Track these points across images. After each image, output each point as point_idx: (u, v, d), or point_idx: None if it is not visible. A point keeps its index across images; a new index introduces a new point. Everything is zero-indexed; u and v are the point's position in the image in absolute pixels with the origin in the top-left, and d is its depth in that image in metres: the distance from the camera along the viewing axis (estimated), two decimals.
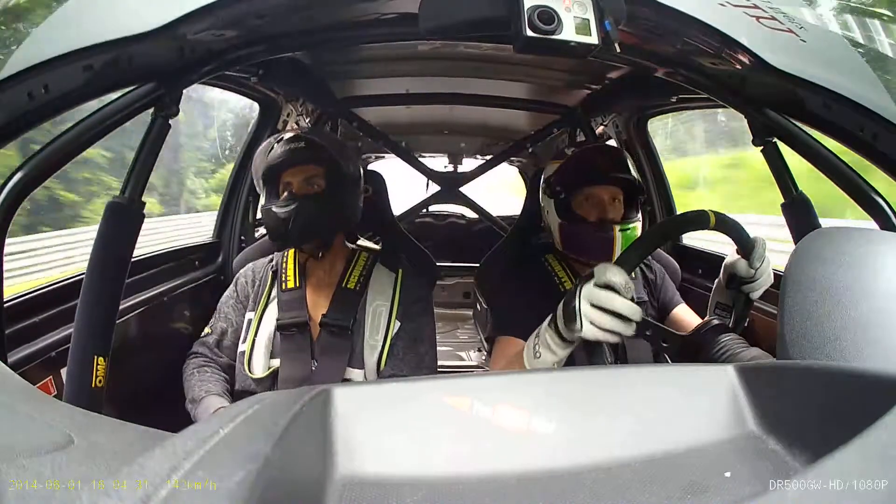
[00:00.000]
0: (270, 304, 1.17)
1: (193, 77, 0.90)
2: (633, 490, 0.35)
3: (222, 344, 1.17)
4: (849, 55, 0.80)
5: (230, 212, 1.70)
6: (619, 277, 0.73)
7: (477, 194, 2.66)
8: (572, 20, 0.69)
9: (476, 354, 2.54)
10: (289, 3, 0.79)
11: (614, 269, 0.74)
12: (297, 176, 1.10)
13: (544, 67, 1.56)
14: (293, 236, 1.09)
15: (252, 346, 1.12)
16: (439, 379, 0.45)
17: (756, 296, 0.90)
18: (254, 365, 1.11)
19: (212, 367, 1.15)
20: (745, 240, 0.87)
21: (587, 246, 1.12)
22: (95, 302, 0.81)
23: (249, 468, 0.25)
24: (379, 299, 1.17)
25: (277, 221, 1.07)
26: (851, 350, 0.43)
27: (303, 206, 1.06)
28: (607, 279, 0.73)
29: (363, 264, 1.20)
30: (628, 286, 0.74)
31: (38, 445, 0.29)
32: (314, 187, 1.10)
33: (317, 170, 1.10)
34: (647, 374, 0.48)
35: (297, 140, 1.09)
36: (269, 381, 1.11)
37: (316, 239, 1.13)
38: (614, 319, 0.74)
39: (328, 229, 1.14)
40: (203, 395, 1.07)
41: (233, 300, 1.21)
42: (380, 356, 1.13)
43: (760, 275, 0.88)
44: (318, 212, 1.08)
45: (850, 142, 0.82)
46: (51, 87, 0.67)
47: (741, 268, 0.88)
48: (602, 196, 1.12)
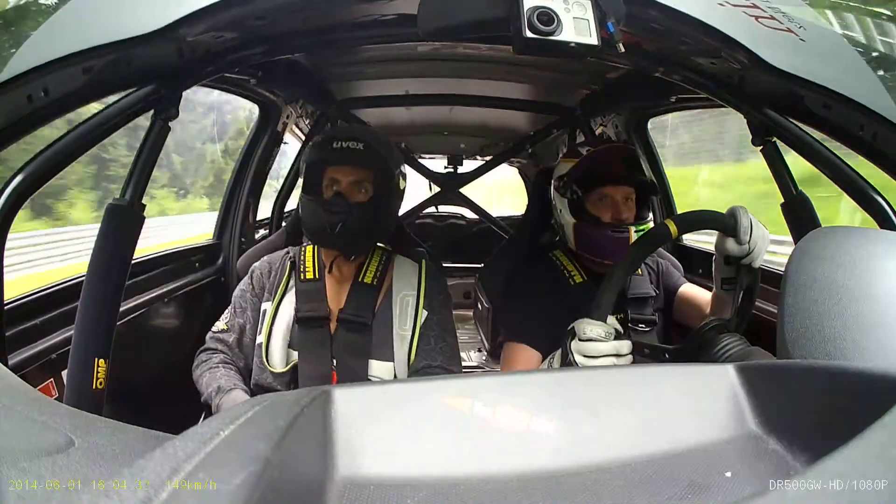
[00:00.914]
0: (288, 293, 1.15)
1: (193, 79, 0.90)
2: (633, 490, 0.35)
3: (242, 342, 1.14)
4: (848, 54, 0.80)
5: (230, 213, 1.70)
6: (596, 331, 0.80)
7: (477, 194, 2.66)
8: (572, 21, 0.69)
9: (476, 354, 2.53)
10: (288, 4, 0.79)
11: (590, 324, 0.81)
12: (347, 176, 1.08)
13: (544, 68, 1.56)
14: (337, 240, 1.07)
15: (269, 336, 1.10)
16: (440, 379, 0.45)
17: (758, 264, 0.87)
18: (272, 357, 1.09)
19: (235, 367, 1.12)
20: (721, 221, 0.84)
21: (602, 247, 1.13)
22: (96, 304, 0.81)
23: (250, 469, 0.25)
24: (405, 289, 1.16)
25: (322, 222, 1.05)
26: (851, 349, 0.43)
27: (352, 213, 1.04)
28: (589, 334, 0.80)
29: (378, 259, 1.19)
30: (608, 332, 0.80)
31: (38, 447, 0.29)
32: (362, 192, 1.09)
33: (368, 175, 1.08)
34: (647, 374, 0.48)
35: (357, 140, 1.07)
36: (288, 377, 1.09)
37: (356, 246, 1.11)
38: (609, 360, 0.80)
39: (370, 239, 1.13)
40: (232, 387, 1.04)
41: (249, 293, 1.18)
42: (410, 346, 1.11)
43: (753, 245, 0.84)
44: (366, 221, 1.07)
45: (849, 141, 0.82)
46: (50, 89, 0.67)
47: (732, 248, 0.85)
48: (616, 196, 1.13)
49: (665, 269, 1.29)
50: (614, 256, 1.10)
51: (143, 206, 0.88)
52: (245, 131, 1.30)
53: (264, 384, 1.09)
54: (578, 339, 0.81)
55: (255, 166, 1.71)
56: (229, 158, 7.89)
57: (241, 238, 1.70)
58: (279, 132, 1.72)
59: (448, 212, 3.47)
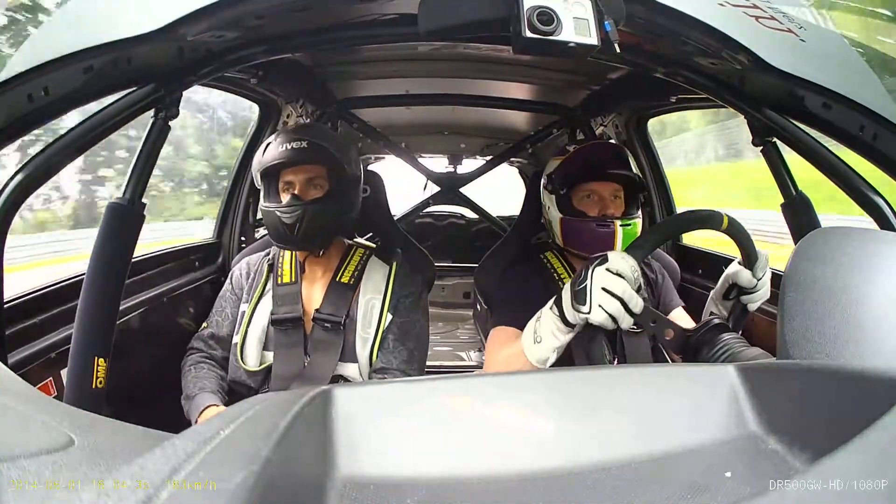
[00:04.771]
0: (265, 296, 1.17)
1: (193, 78, 0.90)
2: (633, 490, 0.35)
3: (217, 336, 1.18)
4: (848, 55, 0.80)
5: (230, 212, 1.70)
6: (628, 267, 0.76)
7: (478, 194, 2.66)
8: (572, 21, 0.69)
9: (476, 354, 2.53)
10: (288, 3, 0.79)
11: (627, 257, 0.76)
12: (298, 175, 1.10)
13: (544, 68, 1.56)
14: (297, 240, 1.09)
15: (245, 337, 1.13)
16: (440, 379, 0.45)
17: (753, 307, 0.90)
18: (247, 356, 1.13)
19: (208, 363, 1.17)
20: (752, 249, 0.87)
21: (588, 241, 1.13)
22: (96, 303, 0.81)
23: (250, 469, 0.25)
24: (371, 292, 1.17)
25: (282, 226, 1.07)
26: (851, 349, 0.43)
27: (308, 211, 1.06)
28: (619, 267, 0.76)
29: (358, 259, 1.21)
30: (637, 276, 0.76)
31: (38, 446, 0.29)
32: (317, 188, 1.11)
33: (319, 170, 1.10)
34: (647, 374, 0.48)
35: (300, 139, 1.09)
36: (261, 376, 1.12)
37: (319, 242, 1.13)
38: (620, 307, 0.75)
39: (332, 232, 1.14)
40: (196, 393, 1.08)
41: (228, 292, 1.22)
42: (371, 349, 1.13)
43: (761, 286, 0.88)
44: (323, 216, 1.09)
45: (849, 142, 0.82)
46: (50, 89, 0.67)
47: (744, 278, 0.88)
48: (603, 192, 1.13)
49: (662, 281, 1.28)
50: (599, 250, 1.10)
51: (143, 205, 0.88)
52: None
53: (239, 380, 1.13)
54: (606, 269, 0.76)
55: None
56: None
57: (241, 237, 1.70)
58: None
59: (448, 211, 3.47)
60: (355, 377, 1.13)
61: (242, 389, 1.13)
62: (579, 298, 0.78)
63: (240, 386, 1.13)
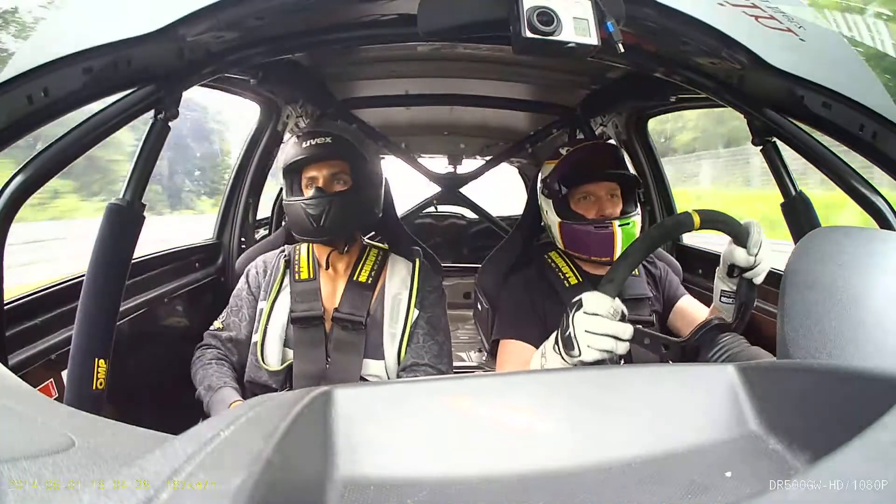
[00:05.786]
0: (282, 292, 1.16)
1: (193, 79, 0.90)
2: (634, 490, 0.35)
3: (235, 339, 1.16)
4: (848, 54, 0.80)
5: (230, 213, 1.70)
6: (604, 307, 0.76)
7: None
8: (571, 21, 0.69)
9: (476, 355, 2.53)
10: (288, 4, 0.79)
11: (599, 297, 0.77)
12: (322, 171, 1.11)
13: (543, 68, 1.56)
14: (325, 232, 1.09)
15: (264, 335, 1.12)
16: (440, 379, 0.45)
17: (759, 280, 0.88)
18: (267, 355, 1.11)
19: (228, 362, 1.15)
20: (737, 227, 0.85)
21: (588, 243, 1.13)
22: (96, 304, 0.81)
23: (250, 470, 0.25)
24: (398, 287, 1.18)
25: (307, 217, 1.07)
26: (851, 349, 0.43)
27: (333, 203, 1.07)
28: (595, 308, 0.76)
29: (374, 259, 1.21)
30: (616, 309, 0.77)
31: (38, 447, 0.29)
32: (341, 183, 1.12)
33: (343, 165, 1.11)
34: (647, 374, 0.48)
35: (323, 136, 1.10)
36: (283, 375, 1.10)
37: (343, 234, 1.13)
38: (609, 340, 0.76)
39: (356, 226, 1.16)
40: (221, 385, 1.07)
41: (244, 291, 1.20)
42: (400, 345, 1.13)
43: (760, 260, 0.86)
44: (348, 208, 1.09)
45: (849, 141, 0.82)
46: (50, 90, 0.67)
47: (740, 257, 0.86)
48: (599, 193, 1.13)
49: (665, 275, 1.28)
50: (600, 252, 1.11)
51: (143, 205, 0.88)
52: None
53: (259, 382, 1.10)
54: (584, 312, 0.77)
55: (254, 166, 1.71)
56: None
57: (241, 238, 1.70)
58: (279, 132, 1.72)
59: (448, 211, 3.47)
60: (381, 375, 1.12)
61: (262, 392, 1.11)
62: (567, 345, 0.78)
63: (260, 388, 1.11)
